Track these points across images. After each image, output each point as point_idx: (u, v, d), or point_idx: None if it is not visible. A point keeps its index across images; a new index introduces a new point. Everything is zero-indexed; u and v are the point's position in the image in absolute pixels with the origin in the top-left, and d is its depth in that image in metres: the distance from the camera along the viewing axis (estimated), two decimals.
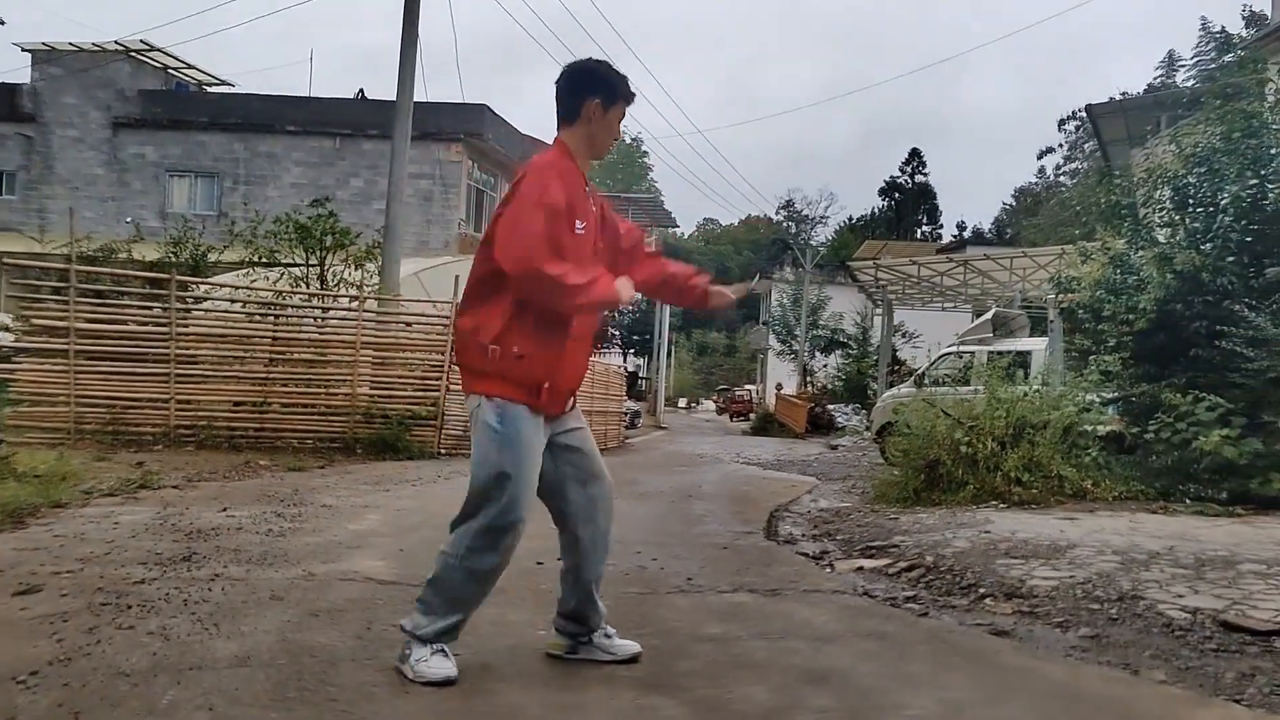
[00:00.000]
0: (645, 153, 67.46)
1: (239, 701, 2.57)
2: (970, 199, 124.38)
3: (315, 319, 12.38)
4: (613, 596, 4.09)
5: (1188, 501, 7.59)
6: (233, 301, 12.04)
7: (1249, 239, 8.77)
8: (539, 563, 4.81)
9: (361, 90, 28.40)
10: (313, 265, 13.52)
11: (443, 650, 2.80)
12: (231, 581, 4.06)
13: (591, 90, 3.04)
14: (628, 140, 62.13)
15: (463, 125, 24.99)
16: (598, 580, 3.11)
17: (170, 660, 2.92)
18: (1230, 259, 8.74)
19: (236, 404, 11.26)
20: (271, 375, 11.46)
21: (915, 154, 72.29)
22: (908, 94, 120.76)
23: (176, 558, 4.50)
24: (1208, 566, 4.89)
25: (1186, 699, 2.84)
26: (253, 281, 12.61)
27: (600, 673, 2.93)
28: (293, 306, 12.40)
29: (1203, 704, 2.80)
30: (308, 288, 13.27)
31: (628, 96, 3.11)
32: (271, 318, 11.84)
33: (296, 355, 11.72)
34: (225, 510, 6.16)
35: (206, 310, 12.04)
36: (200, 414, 10.90)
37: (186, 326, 11.45)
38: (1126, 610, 4.06)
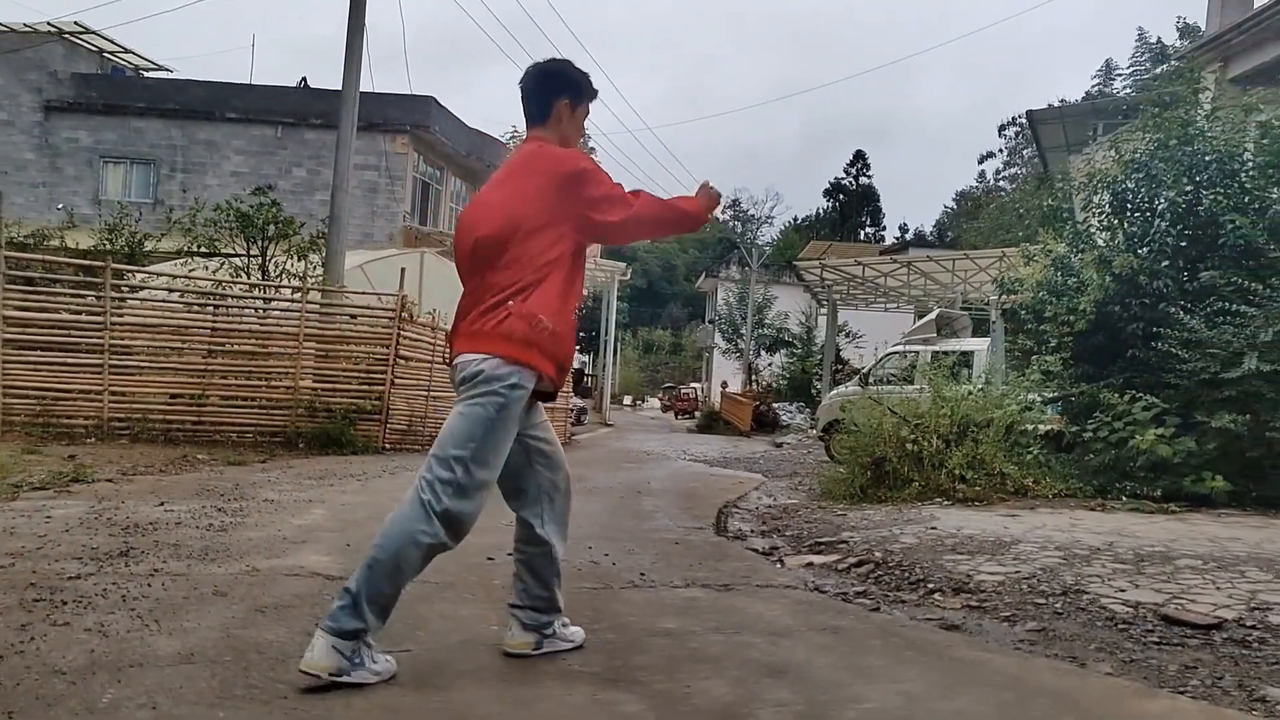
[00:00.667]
0: (592, 149, 67.30)
1: (184, 700, 2.49)
2: (912, 202, 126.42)
3: (256, 310, 12.12)
4: (567, 592, 4.03)
5: (1124, 499, 7.77)
6: (170, 291, 11.74)
7: (1184, 243, 9.01)
8: (490, 558, 4.76)
9: (304, 79, 27.88)
10: (254, 255, 13.25)
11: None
12: (172, 577, 3.95)
13: (560, 90, 3.08)
14: None
15: (409, 117, 24.69)
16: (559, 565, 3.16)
17: (109, 658, 2.82)
18: (1166, 263, 8.98)
19: (173, 396, 10.99)
20: (210, 367, 11.20)
21: (860, 156, 73.34)
22: (854, 96, 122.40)
23: (113, 553, 4.36)
24: (1147, 562, 5.00)
25: (1134, 691, 2.89)
26: (191, 271, 12.30)
27: (556, 667, 2.89)
28: (233, 297, 12.13)
29: (1150, 696, 2.85)
30: (249, 278, 12.99)
31: (592, 94, 3.17)
32: (211, 308, 11.56)
33: (237, 347, 11.47)
34: (163, 505, 5.99)
35: (143, 300, 11.73)
36: (136, 406, 10.62)
37: (121, 316, 11.14)
38: (1071, 604, 4.14)
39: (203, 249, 13.46)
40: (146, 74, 28.74)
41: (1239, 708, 2.81)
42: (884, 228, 72.56)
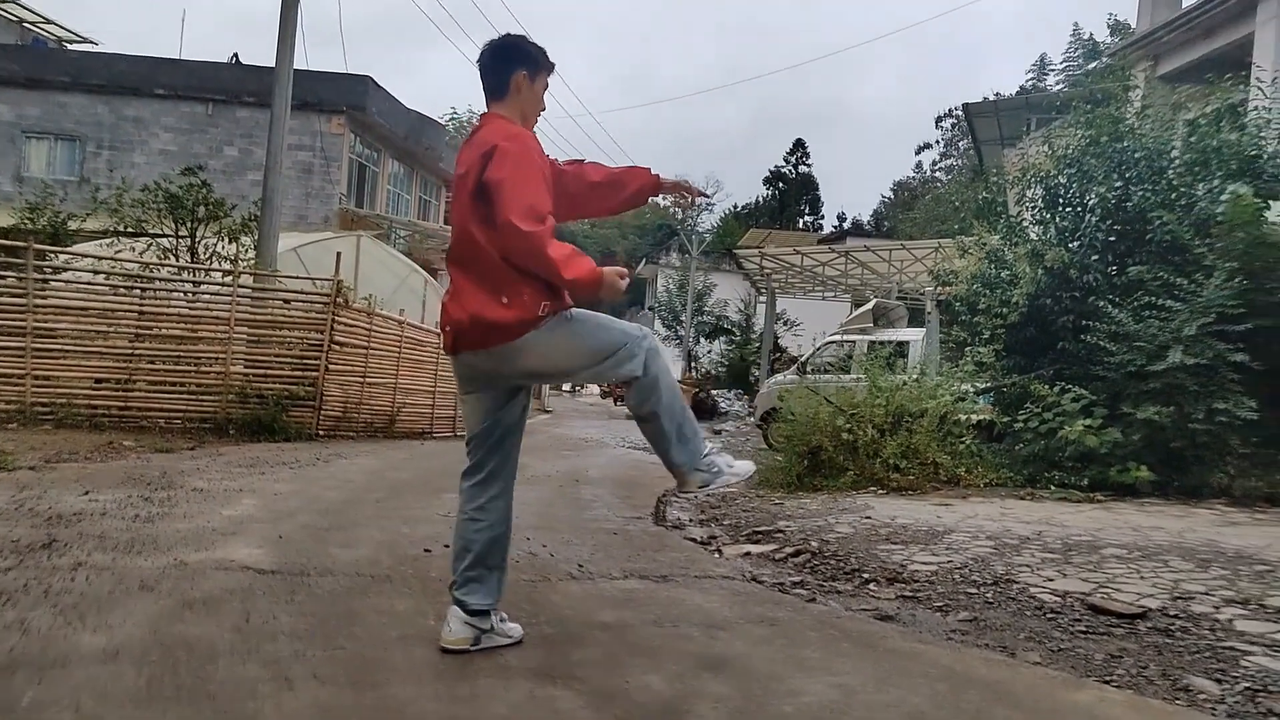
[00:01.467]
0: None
1: (109, 700, 2.41)
2: (851, 191, 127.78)
3: (186, 294, 11.80)
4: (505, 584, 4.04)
5: (1053, 488, 7.95)
6: (96, 273, 11.36)
7: (1113, 238, 9.23)
8: (426, 550, 4.71)
9: (236, 55, 27.17)
10: (183, 237, 12.88)
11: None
12: (97, 570, 3.82)
13: (517, 63, 3.07)
14: None
15: (345, 97, 24.20)
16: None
17: (30, 655, 2.72)
18: (1095, 257, 9.20)
19: (99, 381, 10.66)
20: (138, 351, 10.88)
21: (799, 144, 73.79)
22: (796, 86, 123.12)
23: (35, 545, 4.21)
24: (1074, 551, 5.13)
25: (1063, 681, 2.96)
26: (118, 252, 11.92)
27: (493, 663, 2.86)
28: (161, 280, 11.78)
29: (1078, 686, 2.92)
30: (177, 260, 12.63)
31: (549, 66, 3.16)
32: (138, 291, 11.22)
33: (165, 331, 11.15)
34: (88, 494, 5.81)
35: (67, 282, 11.33)
36: (60, 391, 10.28)
37: (45, 298, 10.76)
38: (1001, 594, 4.22)
39: (130, 230, 13.04)
40: (71, 47, 27.73)
41: (1163, 697, 2.89)
42: (822, 216, 73.30)
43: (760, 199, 73.36)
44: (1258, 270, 7.97)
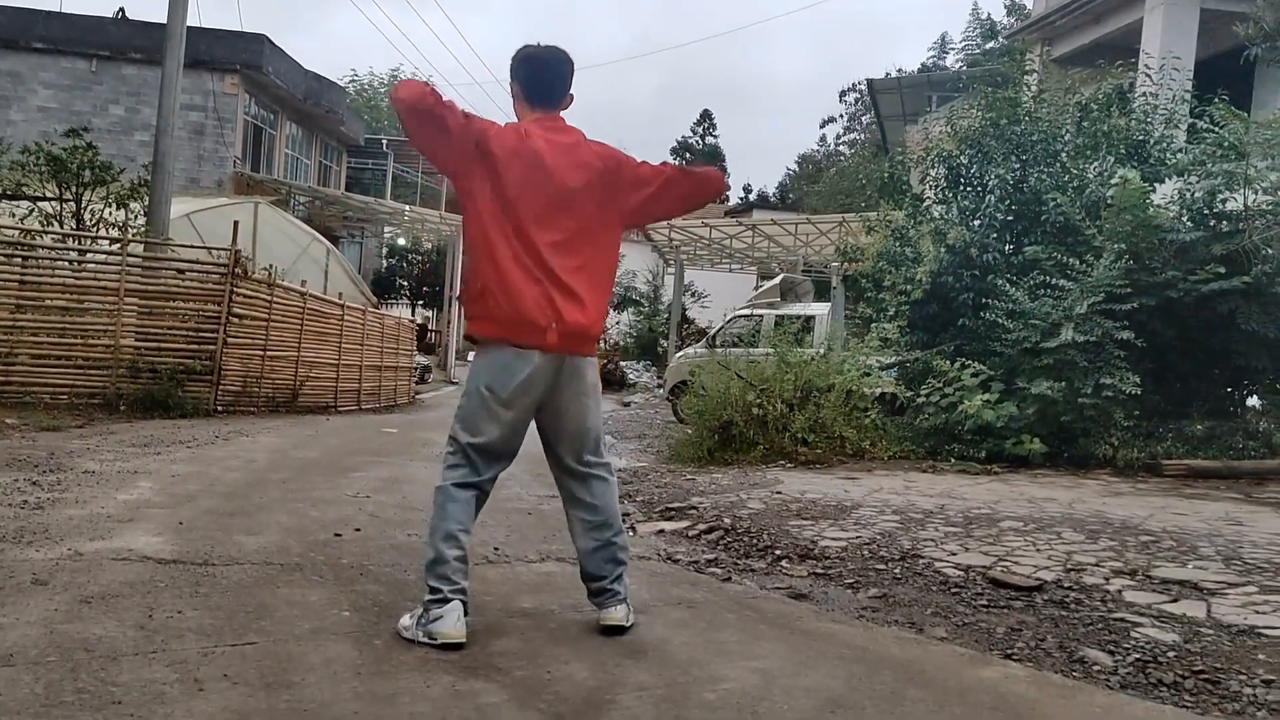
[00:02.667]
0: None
1: (3, 710, 2.29)
2: (757, 163, 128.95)
3: (71, 263, 11.23)
4: (419, 570, 3.97)
5: (952, 460, 8.25)
6: None
7: (1010, 218, 9.56)
8: (337, 534, 4.62)
9: (122, 9, 25.69)
10: (67, 201, 12.23)
11: None
12: None
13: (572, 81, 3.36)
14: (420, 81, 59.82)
15: (239, 56, 23.25)
16: None
17: None
18: (994, 236, 9.51)
19: None
20: (19, 323, 10.33)
21: (706, 115, 74.08)
22: (705, 57, 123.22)
23: None
24: (975, 524, 5.32)
25: (970, 658, 3.07)
26: None
27: (414, 657, 2.82)
28: (44, 248, 11.18)
29: (984, 662, 3.03)
30: (61, 227, 12.00)
31: None
32: (19, 259, 10.63)
33: (49, 302, 10.61)
34: None
35: None
36: None
37: None
38: (908, 569, 4.35)
39: (8, 193, 12.32)
40: None
41: (1060, 670, 3.02)
42: (729, 188, 73.84)
43: None
44: (1143, 251, 8.37)
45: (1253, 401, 9.20)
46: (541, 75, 3.27)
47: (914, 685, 2.73)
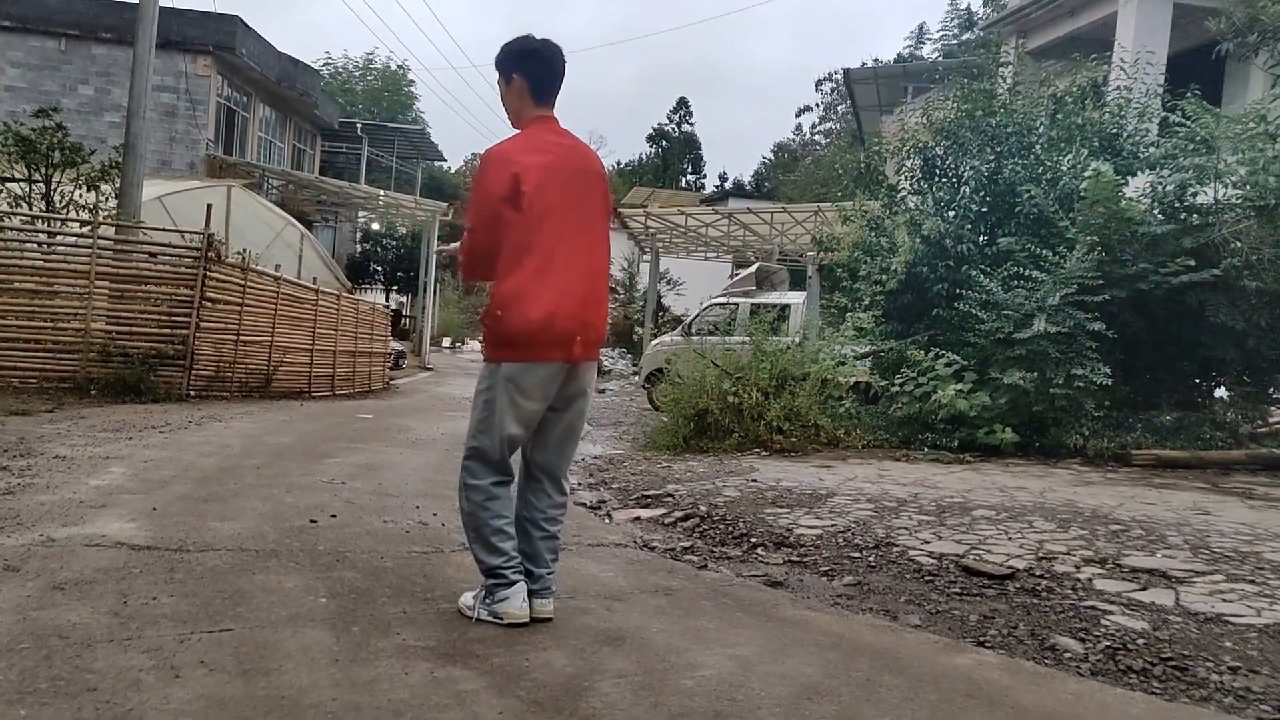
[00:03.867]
0: (412, 81, 64.93)
1: None
2: (733, 151, 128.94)
3: (40, 245, 11.05)
4: (395, 556, 3.99)
5: (926, 449, 8.31)
6: None
7: (985, 210, 9.62)
8: (312, 520, 4.60)
9: None
10: (36, 183, 12.03)
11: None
12: None
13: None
14: (393, 67, 59.41)
15: (212, 37, 22.90)
16: None
17: None
18: (969, 227, 9.57)
19: None
20: None
21: (683, 103, 74.01)
22: (683, 45, 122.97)
23: None
24: (948, 513, 5.38)
25: (944, 645, 3.11)
26: None
27: (392, 644, 2.82)
28: (12, 229, 11.00)
29: (959, 650, 3.07)
30: (30, 209, 11.81)
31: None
32: None
33: (17, 285, 10.45)
34: None
35: None
36: None
37: None
38: (882, 557, 4.40)
39: None
40: None
41: (1032, 657, 3.07)
42: (704, 176, 73.84)
43: (644, 157, 73.36)
44: (1114, 243, 8.46)
45: (1220, 393, 9.34)
46: (551, 71, 3.25)
47: (889, 672, 2.76)
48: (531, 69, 3.24)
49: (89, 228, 10.89)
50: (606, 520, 5.48)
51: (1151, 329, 8.58)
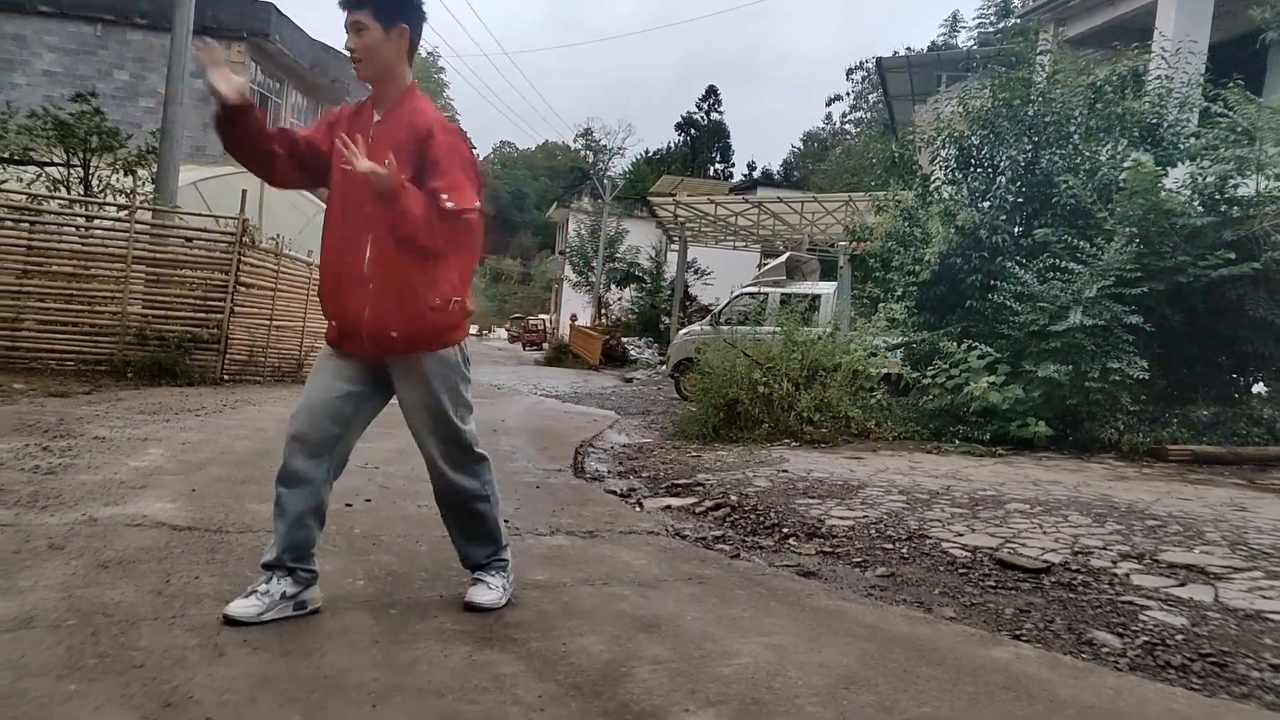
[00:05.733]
0: (442, 69, 65.21)
1: (28, 671, 2.32)
2: (762, 140, 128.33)
3: (78, 229, 11.20)
4: (429, 541, 4.02)
5: (957, 442, 8.25)
6: None
7: (1021, 200, 9.51)
8: (348, 504, 4.64)
9: None
10: (74, 167, 12.18)
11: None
12: None
13: None
14: (423, 54, 59.61)
15: (246, 23, 23.05)
16: None
17: None
18: (1004, 218, 9.47)
19: None
20: (26, 288, 10.32)
21: (712, 91, 73.83)
22: (715, 34, 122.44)
23: None
24: (981, 506, 5.34)
25: (980, 638, 3.09)
26: (2, 183, 11.21)
27: (430, 627, 2.85)
28: (51, 213, 11.15)
29: (995, 643, 3.06)
30: (69, 192, 11.96)
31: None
32: (26, 224, 10.60)
33: (56, 268, 10.59)
34: None
35: None
36: None
37: None
38: (915, 549, 4.38)
39: (15, 158, 12.27)
40: None
41: (1069, 651, 3.05)
42: (733, 164, 73.56)
43: (672, 145, 73.15)
44: (1153, 235, 8.34)
45: (1258, 388, 9.20)
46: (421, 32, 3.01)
47: (926, 663, 2.75)
48: (418, 21, 2.95)
49: (126, 212, 11.01)
50: (637, 508, 5.48)
51: (1189, 322, 8.46)
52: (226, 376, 11.16)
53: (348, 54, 2.93)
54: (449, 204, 2.77)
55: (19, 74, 22.55)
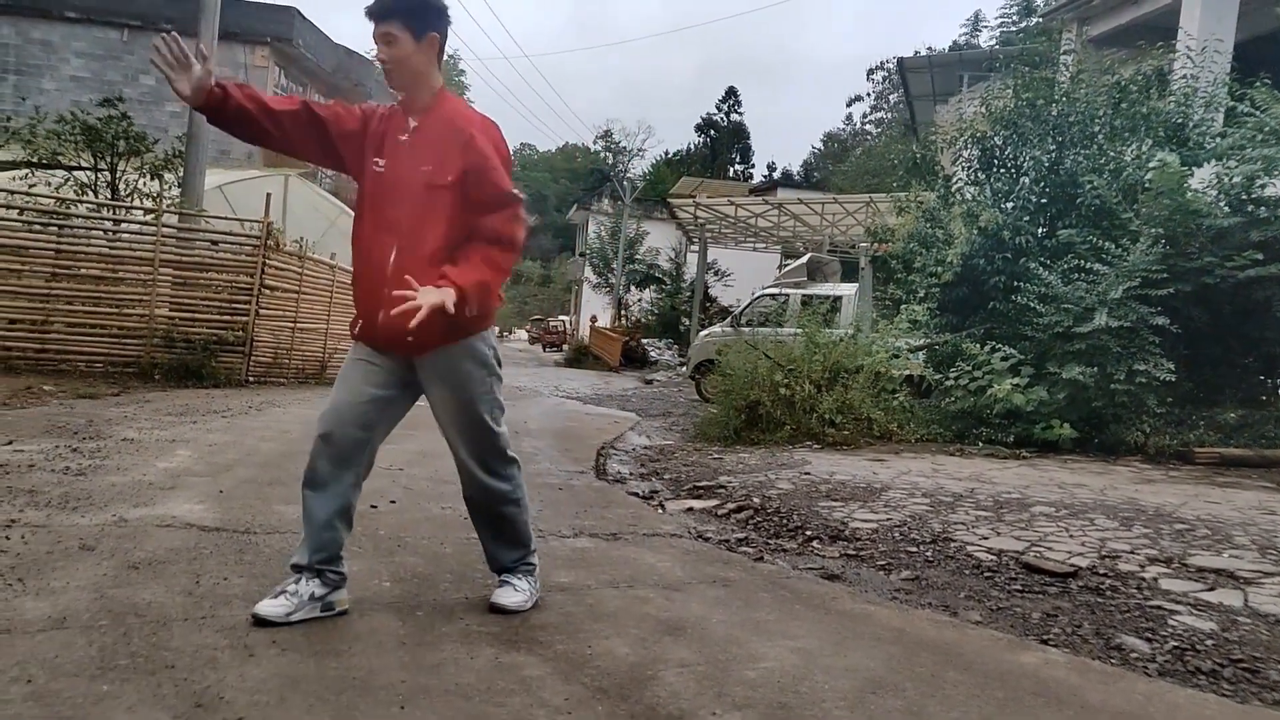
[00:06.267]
0: (463, 72, 65.47)
1: (62, 671, 2.34)
2: (782, 140, 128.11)
3: (106, 232, 11.32)
4: (454, 542, 4.04)
5: (980, 444, 8.21)
6: (9, 208, 10.81)
7: (1045, 201, 9.45)
8: (373, 506, 4.67)
9: None
10: (102, 171, 12.31)
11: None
12: (32, 529, 3.70)
13: None
14: (445, 58, 59.95)
15: (270, 28, 23.28)
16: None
17: None
18: (1028, 219, 9.41)
19: (13, 322, 10.21)
20: (55, 291, 10.44)
21: (731, 92, 73.63)
22: (736, 35, 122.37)
23: None
24: (1005, 509, 5.31)
25: (1009, 643, 3.07)
26: (31, 186, 11.35)
27: (456, 629, 2.86)
28: (79, 217, 11.28)
29: (1023, 647, 3.04)
30: (96, 196, 12.09)
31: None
32: (55, 228, 10.72)
33: (84, 271, 10.71)
34: (11, 444, 5.60)
35: None
36: None
37: None
38: (940, 552, 4.36)
39: (44, 162, 12.42)
40: None
41: (1098, 656, 3.03)
42: (753, 165, 73.39)
43: (692, 146, 73.10)
44: (1179, 236, 8.27)
45: None
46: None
47: (953, 668, 2.74)
48: (446, 27, 2.96)
49: (153, 216, 11.13)
50: (660, 511, 5.49)
51: (1216, 324, 8.38)
52: (251, 378, 11.24)
53: (379, 64, 2.94)
54: (515, 231, 2.88)
55: (47, 79, 22.86)
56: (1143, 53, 10.64)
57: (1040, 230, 9.45)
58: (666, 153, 72.60)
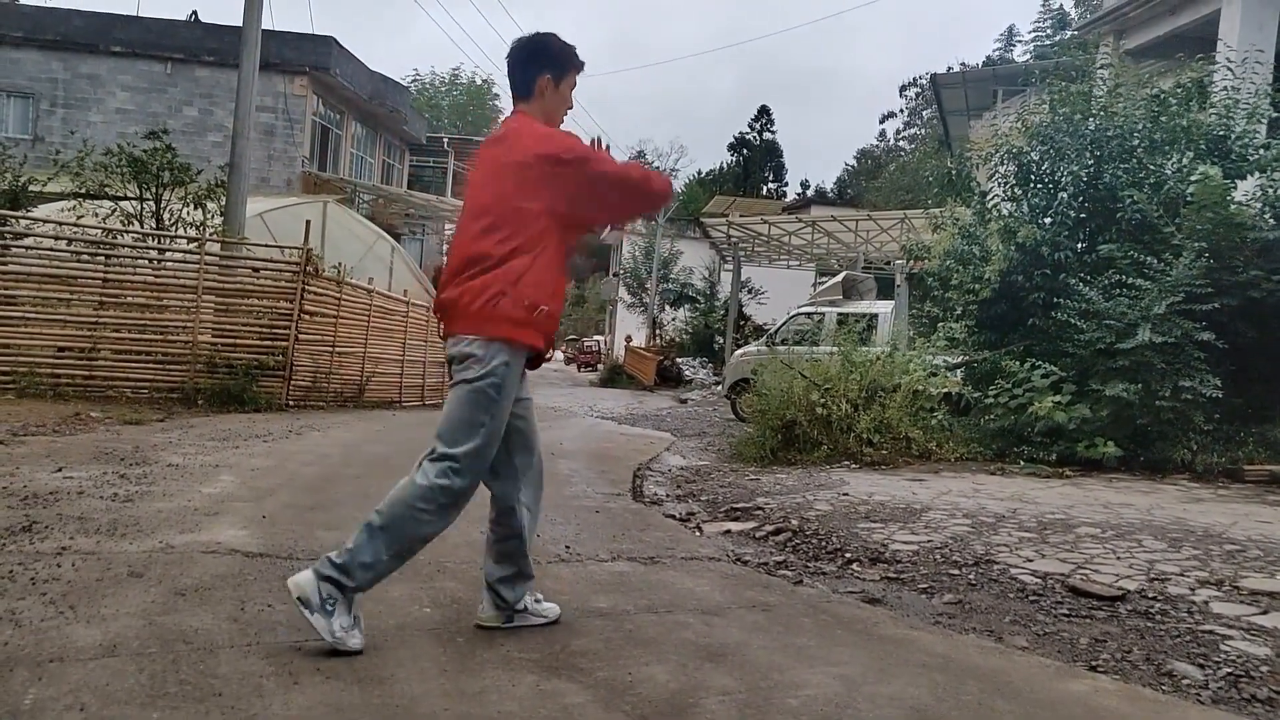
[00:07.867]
0: (497, 95, 66.11)
1: (114, 699, 2.38)
2: (816, 158, 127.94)
3: (151, 261, 11.55)
4: None
5: (1022, 463, 8.10)
6: (58, 239, 11.07)
7: (1084, 216, 9.34)
8: None
9: (195, 12, 26.42)
10: (147, 200, 12.59)
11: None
12: (82, 556, 3.76)
13: (543, 67, 3.09)
14: (478, 81, 60.58)
15: (308, 58, 23.74)
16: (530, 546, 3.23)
17: (26, 651, 2.66)
18: (1067, 234, 9.30)
19: (62, 349, 10.45)
20: (102, 319, 10.66)
21: (764, 111, 73.78)
22: (768, 54, 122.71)
23: (15, 528, 4.13)
24: (1049, 530, 5.23)
25: (1057, 670, 3.02)
26: (80, 217, 11.62)
27: (496, 654, 2.87)
28: (126, 246, 11.52)
29: (1072, 674, 2.98)
30: (142, 226, 12.36)
31: (578, 66, 3.16)
32: (102, 258, 10.96)
33: (130, 299, 10.93)
34: (61, 470, 5.71)
35: (28, 247, 10.98)
36: (21, 359, 10.05)
37: (5, 265, 10.49)
38: (983, 575, 4.30)
39: (92, 193, 12.73)
40: (24, 1, 26.85)
41: (1148, 683, 2.97)
42: (786, 184, 73.45)
43: (724, 165, 73.29)
44: (1224, 250, 8.13)
45: None
46: (508, 70, 3.16)
47: (1001, 696, 2.70)
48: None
49: (196, 244, 11.34)
50: (697, 533, 5.47)
51: (1264, 338, 8.21)
52: (291, 403, 11.39)
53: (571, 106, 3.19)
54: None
55: (94, 112, 23.45)
56: (1181, 64, 10.50)
57: (1080, 245, 9.33)
58: (699, 172, 72.86)
